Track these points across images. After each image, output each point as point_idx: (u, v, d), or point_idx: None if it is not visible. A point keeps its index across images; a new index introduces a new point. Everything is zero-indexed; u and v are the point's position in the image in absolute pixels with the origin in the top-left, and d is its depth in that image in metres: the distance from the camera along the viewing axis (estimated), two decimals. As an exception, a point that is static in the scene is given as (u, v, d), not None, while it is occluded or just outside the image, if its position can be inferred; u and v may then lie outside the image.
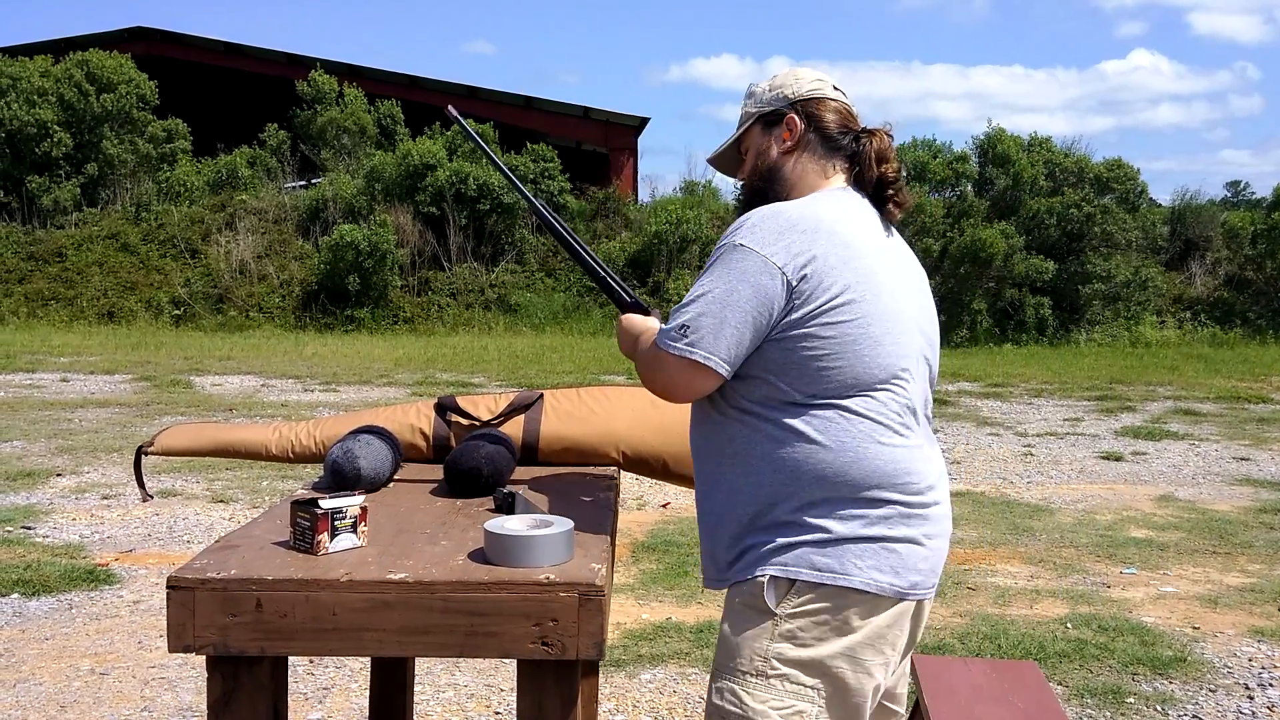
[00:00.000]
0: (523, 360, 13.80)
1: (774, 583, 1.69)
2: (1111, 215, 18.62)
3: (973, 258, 17.89)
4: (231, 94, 24.16)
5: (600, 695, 3.49)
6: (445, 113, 2.31)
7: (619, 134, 22.63)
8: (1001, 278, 18.22)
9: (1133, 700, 3.60)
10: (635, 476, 2.42)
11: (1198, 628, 4.35)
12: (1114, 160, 19.42)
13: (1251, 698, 3.66)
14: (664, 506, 6.36)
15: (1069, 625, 4.32)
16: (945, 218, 18.70)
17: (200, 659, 3.52)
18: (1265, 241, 19.66)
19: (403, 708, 2.45)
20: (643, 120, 22.59)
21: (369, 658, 2.72)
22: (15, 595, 4.52)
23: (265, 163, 21.33)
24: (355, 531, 1.62)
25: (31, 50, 21.67)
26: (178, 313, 18.05)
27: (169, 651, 1.49)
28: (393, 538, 1.68)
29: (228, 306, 18.21)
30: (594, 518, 1.81)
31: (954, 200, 19.34)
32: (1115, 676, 3.80)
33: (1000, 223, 18.43)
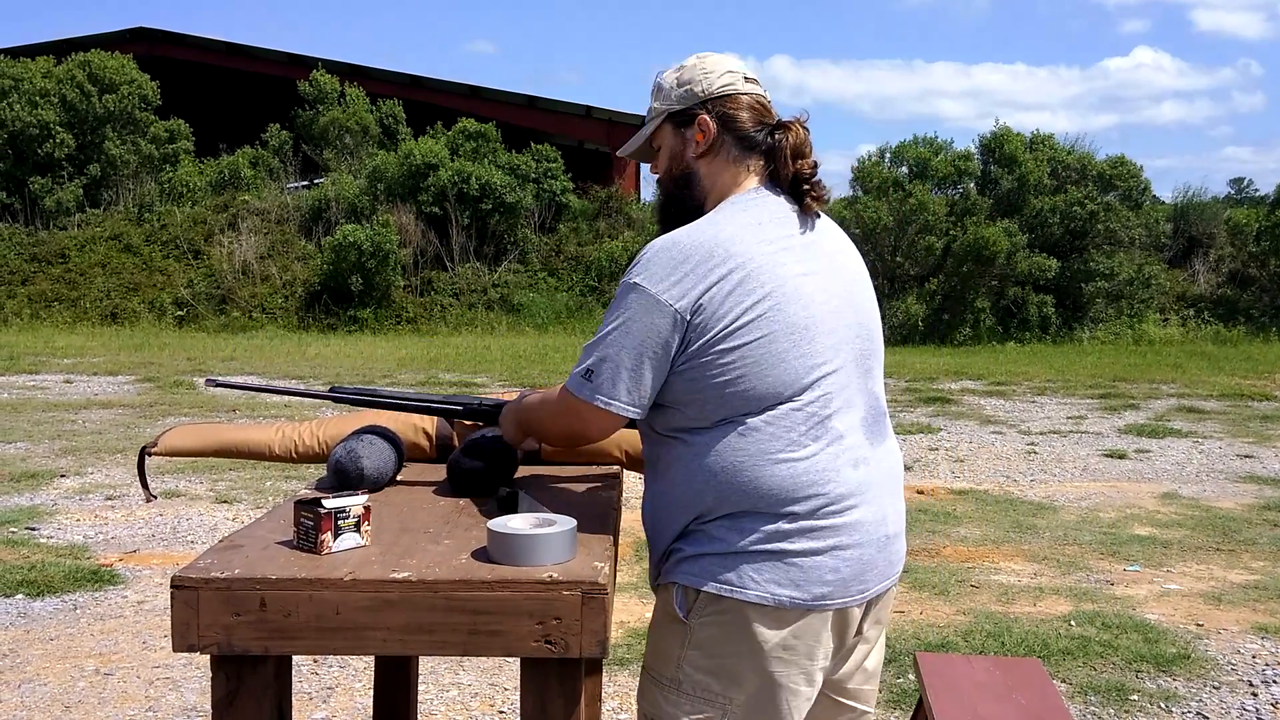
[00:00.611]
0: (525, 360, 13.80)
1: (683, 591, 1.71)
2: (1115, 213, 18.59)
3: (976, 256, 17.86)
4: (233, 94, 24.19)
5: (604, 693, 3.50)
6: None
7: (621, 133, 22.61)
8: (1004, 276, 18.20)
9: (1136, 697, 3.59)
10: (638, 475, 2.42)
11: (1201, 625, 4.34)
12: (1117, 158, 19.39)
13: (1255, 694, 3.66)
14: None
15: (1073, 623, 4.32)
16: (948, 216, 18.69)
17: (204, 659, 3.52)
18: (1269, 238, 19.62)
19: (407, 707, 2.45)
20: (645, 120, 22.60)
21: (373, 657, 2.72)
22: (20, 596, 4.53)
23: (267, 163, 21.35)
24: (359, 531, 1.62)
25: (33, 51, 21.70)
26: (181, 314, 18.08)
27: (173, 651, 1.49)
28: (396, 537, 1.68)
29: (230, 307, 18.22)
30: (597, 516, 1.82)
31: (957, 198, 19.32)
32: (1119, 674, 3.79)
33: (1003, 221, 18.41)
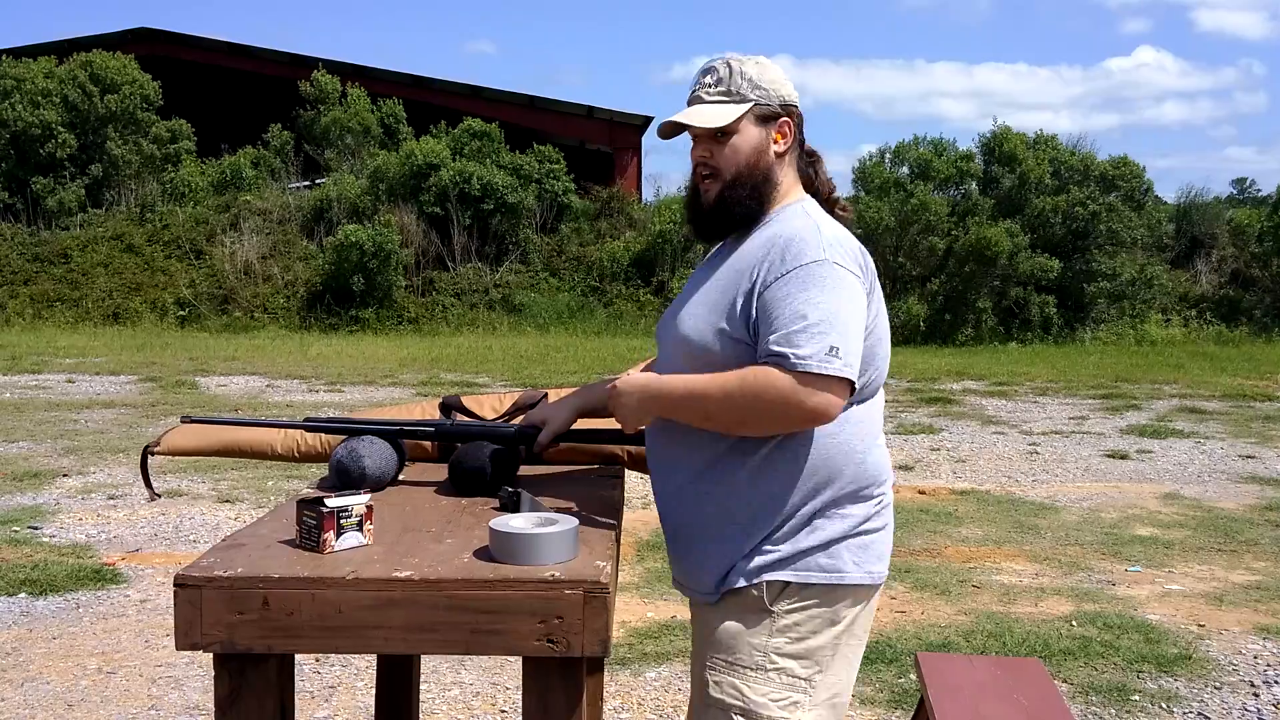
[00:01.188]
0: (527, 360, 13.81)
1: (768, 584, 1.76)
2: (1117, 213, 18.58)
3: (978, 256, 17.86)
4: (235, 94, 24.19)
5: (606, 693, 3.50)
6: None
7: (623, 133, 22.63)
8: (1006, 276, 18.19)
9: (1137, 697, 3.59)
10: (640, 475, 2.42)
11: (1203, 625, 4.34)
12: (1119, 158, 19.39)
13: (1257, 695, 3.66)
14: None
15: (1074, 623, 4.32)
16: (950, 216, 18.68)
17: (207, 658, 3.53)
18: (1271, 239, 19.62)
19: (409, 706, 2.45)
20: (647, 119, 22.59)
21: (375, 656, 2.73)
22: (22, 595, 4.53)
23: (269, 163, 21.36)
24: (361, 530, 1.63)
25: (35, 51, 21.71)
26: (183, 313, 18.09)
27: (176, 649, 1.50)
28: (398, 536, 1.69)
29: (232, 307, 18.24)
30: (599, 516, 1.82)
31: (959, 199, 19.31)
32: (1120, 674, 3.79)
33: (1005, 221, 18.40)
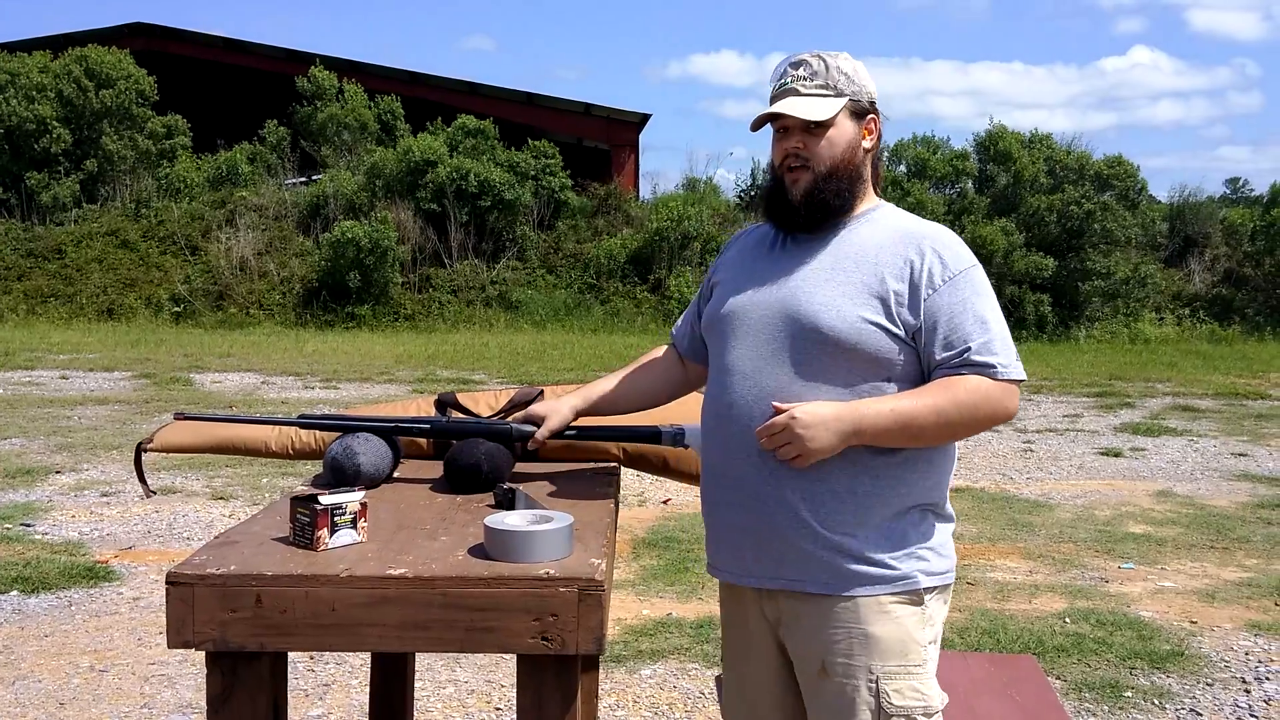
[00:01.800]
0: (523, 357, 13.80)
1: (925, 579, 1.79)
2: (1111, 212, 18.61)
3: (973, 254, 17.88)
4: (231, 90, 24.12)
5: (601, 690, 3.50)
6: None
7: (620, 130, 22.59)
8: (1001, 275, 18.20)
9: (1130, 694, 3.60)
10: (636, 473, 2.42)
11: (1195, 622, 4.35)
12: (1114, 157, 19.44)
13: (1249, 691, 3.67)
14: (665, 503, 6.36)
15: (1067, 620, 4.33)
16: (945, 214, 18.69)
17: (200, 656, 3.51)
18: (1264, 238, 19.66)
19: (403, 704, 2.45)
20: (644, 116, 22.56)
21: (369, 654, 2.73)
22: (14, 592, 4.53)
23: (265, 159, 21.30)
24: (355, 527, 1.62)
25: (30, 46, 21.64)
26: (177, 309, 18.04)
27: (168, 647, 1.49)
28: (392, 533, 1.68)
29: (228, 303, 18.20)
30: (594, 513, 1.82)
31: (954, 197, 19.32)
32: (1113, 670, 3.80)
33: (1000, 220, 18.42)
